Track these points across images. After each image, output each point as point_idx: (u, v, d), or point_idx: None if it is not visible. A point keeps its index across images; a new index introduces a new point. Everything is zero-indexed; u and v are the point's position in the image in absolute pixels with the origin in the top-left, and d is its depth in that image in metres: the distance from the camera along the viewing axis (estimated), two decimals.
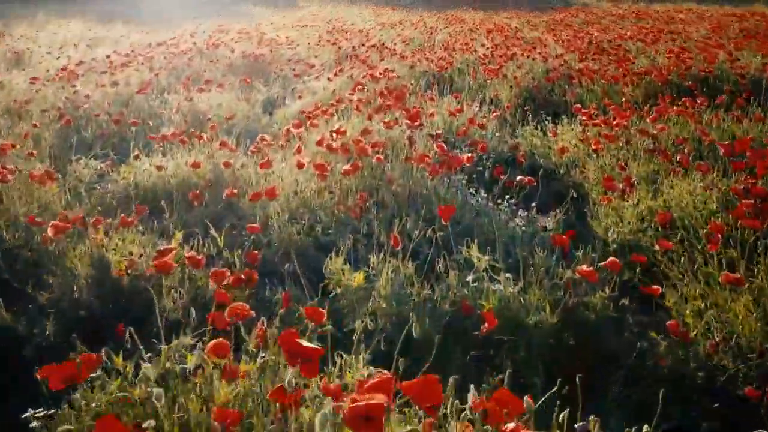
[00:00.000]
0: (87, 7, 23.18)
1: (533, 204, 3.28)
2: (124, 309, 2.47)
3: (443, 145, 3.19)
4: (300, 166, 3.10)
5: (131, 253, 2.60)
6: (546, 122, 5.10)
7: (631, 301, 2.47)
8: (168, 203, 3.21)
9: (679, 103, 4.81)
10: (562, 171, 4.34)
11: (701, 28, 12.56)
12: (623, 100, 5.45)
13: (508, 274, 2.30)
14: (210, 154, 3.89)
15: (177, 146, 4.05)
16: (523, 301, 2.25)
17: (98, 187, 3.81)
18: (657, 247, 2.60)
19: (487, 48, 9.05)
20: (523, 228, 3.12)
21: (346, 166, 3.06)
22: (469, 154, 4.04)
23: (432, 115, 4.45)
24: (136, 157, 3.93)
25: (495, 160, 4.27)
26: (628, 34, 9.95)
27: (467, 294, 2.26)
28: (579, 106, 5.03)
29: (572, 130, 4.79)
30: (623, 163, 3.73)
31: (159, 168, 3.63)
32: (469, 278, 2.32)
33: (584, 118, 4.70)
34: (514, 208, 3.33)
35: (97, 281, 2.55)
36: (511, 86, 6.46)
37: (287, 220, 2.99)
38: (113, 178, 3.91)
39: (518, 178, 3.35)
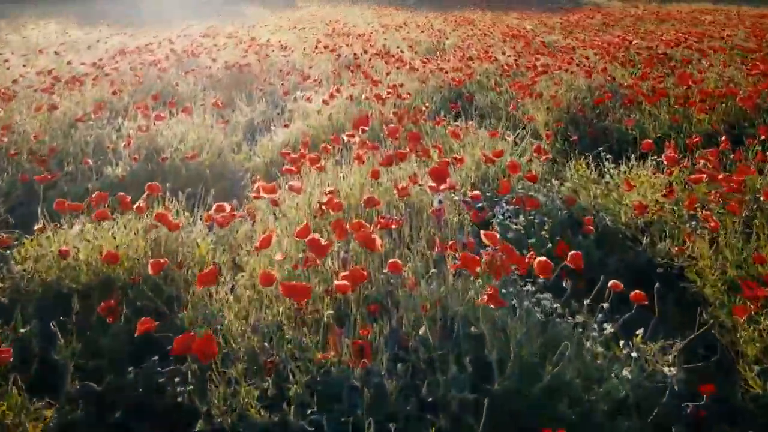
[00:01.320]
0: (80, 7, 21.97)
1: (639, 331, 2.04)
2: None
3: (496, 236, 1.98)
4: (267, 280, 1.87)
5: None
6: (603, 159, 3.87)
7: None
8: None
9: None
10: (644, 240, 3.11)
11: (737, 31, 11.30)
12: (692, 130, 4.22)
13: None
14: (146, 226, 2.66)
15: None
16: None
17: None
18: None
19: (509, 56, 7.81)
20: (630, 376, 1.89)
21: (340, 281, 1.82)
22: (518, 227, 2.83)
23: (460, 160, 3.22)
24: (41, 230, 2.70)
25: (551, 226, 3.04)
26: (669, 39, 8.68)
27: None
28: (649, 141, 3.78)
29: (646, 175, 3.54)
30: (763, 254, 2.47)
31: (63, 255, 2.40)
32: None
33: (663, 160, 3.46)
34: (604, 326, 2.11)
35: None
36: (548, 107, 5.23)
37: (232, 385, 1.76)
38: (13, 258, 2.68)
39: (610, 283, 2.11)
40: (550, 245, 2.87)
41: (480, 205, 2.72)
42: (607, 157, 3.87)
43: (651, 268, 2.96)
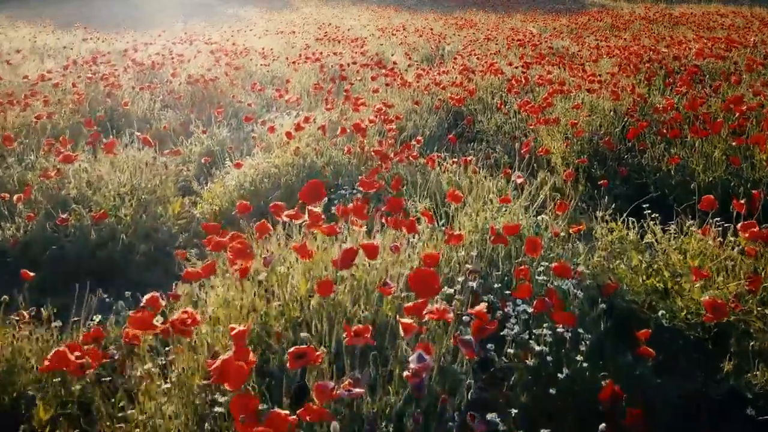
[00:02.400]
0: (65, 8, 21.01)
1: None
2: None
3: None
4: None
5: None
6: (645, 216, 2.89)
7: None
8: None
9: None
10: (726, 365, 2.12)
11: (761, 35, 10.28)
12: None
13: None
14: None
15: None
16: None
17: None
18: None
19: (516, 67, 6.81)
20: None
21: None
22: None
23: (457, 239, 2.23)
24: None
25: (590, 344, 2.05)
26: (695, 47, 7.66)
27: None
28: (710, 198, 2.78)
29: (710, 245, 2.55)
30: None
31: None
32: None
33: (739, 230, 2.47)
34: None
35: None
36: (566, 136, 4.24)
37: None
38: None
39: None
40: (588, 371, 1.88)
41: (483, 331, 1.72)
42: (653, 215, 2.88)
43: (738, 401, 1.99)
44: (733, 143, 3.55)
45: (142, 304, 1.74)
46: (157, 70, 6.59)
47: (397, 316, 1.71)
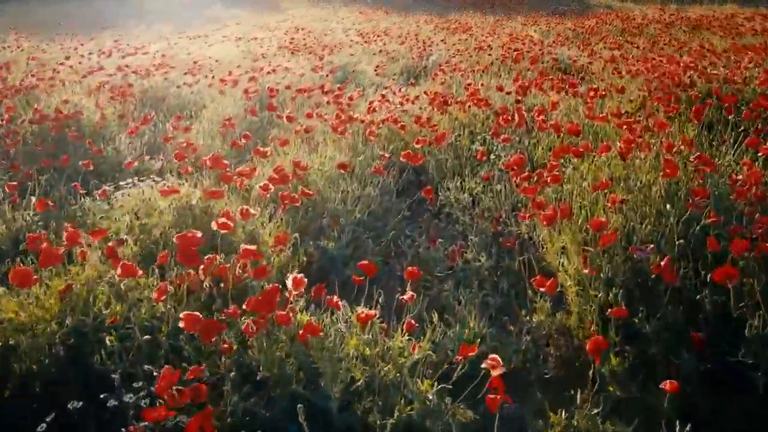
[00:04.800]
0: (37, 9, 19.21)
1: None
2: None
3: None
4: None
5: None
6: None
7: None
8: None
9: None
10: None
11: None
12: None
13: None
14: None
15: None
16: None
17: None
18: None
19: (508, 93, 4.90)
20: None
21: None
22: None
23: None
24: None
25: None
26: (746, 62, 5.72)
27: None
28: None
29: None
30: None
31: None
32: None
33: None
34: None
35: None
36: (583, 242, 2.37)
37: None
38: None
39: None
40: None
41: None
42: None
43: None
44: None
45: None
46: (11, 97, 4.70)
47: None
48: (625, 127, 3.07)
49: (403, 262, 2.77)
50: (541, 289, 2.05)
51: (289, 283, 1.77)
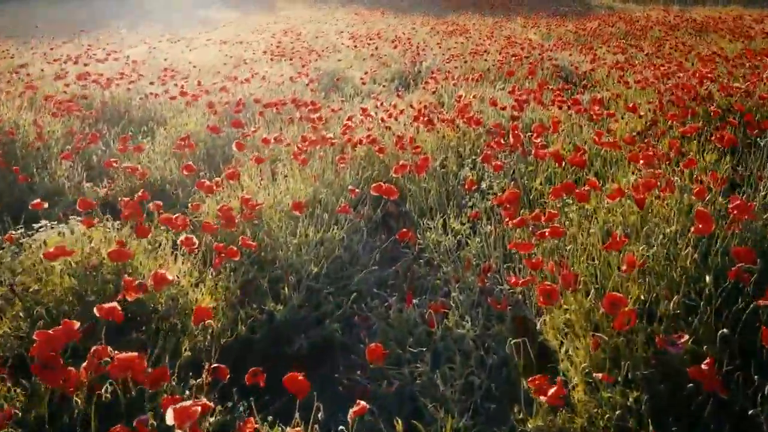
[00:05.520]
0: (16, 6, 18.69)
1: None
2: None
3: None
4: None
5: None
6: None
7: None
8: None
9: None
10: None
11: None
12: None
13: None
14: None
15: None
16: None
17: None
18: None
19: (502, 108, 4.36)
20: None
21: None
22: None
23: None
24: None
25: None
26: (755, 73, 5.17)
27: None
28: None
29: None
30: None
31: None
32: None
33: None
34: None
35: None
36: (592, 328, 1.84)
37: None
38: None
39: None
40: None
41: None
42: None
43: None
44: None
45: None
46: None
47: None
48: (642, 161, 2.51)
49: (370, 326, 2.24)
50: (541, 398, 1.51)
51: (168, 416, 1.22)
